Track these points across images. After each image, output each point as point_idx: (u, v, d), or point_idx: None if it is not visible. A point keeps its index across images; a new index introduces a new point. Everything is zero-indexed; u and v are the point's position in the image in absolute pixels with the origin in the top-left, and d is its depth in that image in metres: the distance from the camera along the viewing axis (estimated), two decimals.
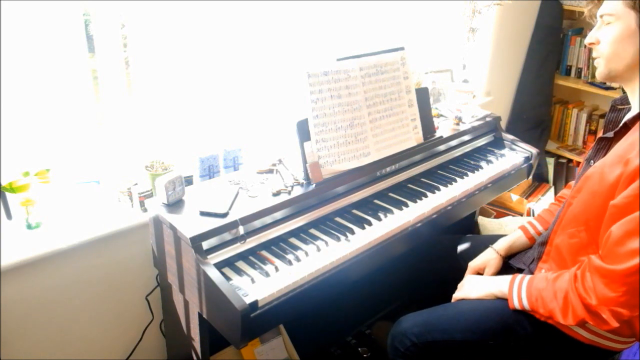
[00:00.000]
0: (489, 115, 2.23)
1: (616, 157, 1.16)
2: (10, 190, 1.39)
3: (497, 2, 2.49)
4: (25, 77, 1.43)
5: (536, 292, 1.26)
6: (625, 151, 1.14)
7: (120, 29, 1.57)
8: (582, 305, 1.16)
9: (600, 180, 1.18)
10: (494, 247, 1.55)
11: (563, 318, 1.19)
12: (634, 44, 1.12)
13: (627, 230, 1.09)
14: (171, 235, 1.39)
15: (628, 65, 1.15)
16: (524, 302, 1.28)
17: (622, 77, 1.19)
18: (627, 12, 1.11)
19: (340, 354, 1.98)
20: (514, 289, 1.32)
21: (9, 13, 1.33)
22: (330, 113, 1.60)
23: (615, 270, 1.10)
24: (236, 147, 1.73)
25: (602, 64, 1.19)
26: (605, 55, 1.17)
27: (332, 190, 1.60)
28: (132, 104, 1.67)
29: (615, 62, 1.16)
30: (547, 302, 1.23)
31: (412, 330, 1.36)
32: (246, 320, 1.19)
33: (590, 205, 1.20)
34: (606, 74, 1.20)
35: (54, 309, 1.55)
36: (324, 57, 2.04)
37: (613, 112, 1.31)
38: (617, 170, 1.13)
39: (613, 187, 1.14)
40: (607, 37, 1.16)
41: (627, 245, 1.09)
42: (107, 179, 1.63)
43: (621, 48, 1.14)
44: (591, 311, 1.15)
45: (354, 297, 2.01)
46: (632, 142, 1.13)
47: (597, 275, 1.14)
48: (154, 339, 1.82)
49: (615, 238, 1.11)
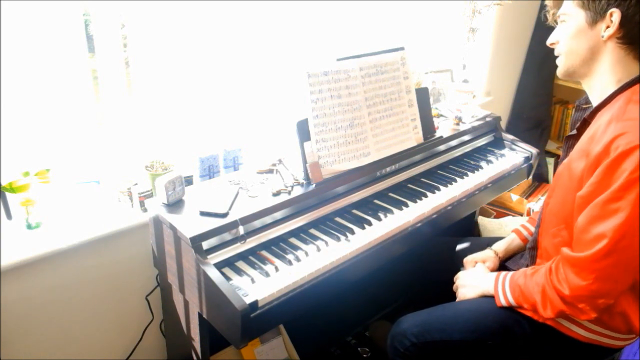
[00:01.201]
0: (489, 115, 2.23)
1: (579, 152, 1.20)
2: (10, 190, 1.39)
3: (497, 2, 2.49)
4: (25, 77, 1.43)
5: (518, 288, 1.29)
6: (586, 145, 1.18)
7: (120, 29, 1.56)
8: (558, 297, 1.19)
9: (569, 176, 1.22)
10: (492, 247, 1.57)
11: (543, 310, 1.22)
12: (586, 39, 1.19)
13: (591, 217, 1.12)
14: (171, 235, 1.39)
15: (583, 60, 1.21)
16: (509, 298, 1.31)
17: (579, 73, 1.25)
18: (576, 10, 1.19)
19: (340, 354, 1.98)
20: (498, 286, 1.34)
21: (9, 13, 1.33)
22: (330, 113, 1.60)
23: (582, 257, 1.13)
24: (236, 147, 1.73)
25: (562, 60, 1.26)
26: (564, 52, 1.24)
27: (332, 190, 1.60)
28: (132, 104, 1.67)
29: (572, 58, 1.23)
30: (528, 297, 1.26)
31: (412, 330, 1.37)
32: (246, 320, 1.19)
33: (565, 202, 1.23)
34: (565, 71, 1.26)
35: (54, 309, 1.55)
36: (324, 57, 2.04)
37: (578, 112, 1.37)
38: (581, 164, 1.17)
39: (580, 180, 1.17)
40: (563, 35, 1.23)
41: (592, 231, 1.11)
42: (107, 179, 1.63)
43: (575, 44, 1.21)
44: (567, 302, 1.17)
45: (353, 297, 2.01)
46: (592, 135, 1.17)
47: (567, 265, 1.17)
48: (154, 339, 1.82)
49: (581, 226, 1.14)
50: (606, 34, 1.16)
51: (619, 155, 1.07)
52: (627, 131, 1.08)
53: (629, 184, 1.06)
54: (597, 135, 1.15)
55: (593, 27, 1.17)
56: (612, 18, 1.14)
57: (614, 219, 1.08)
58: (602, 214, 1.10)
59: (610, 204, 1.08)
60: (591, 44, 1.19)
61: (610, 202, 1.09)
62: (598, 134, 1.15)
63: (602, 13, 1.15)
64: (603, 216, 1.10)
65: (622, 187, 1.07)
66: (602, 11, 1.15)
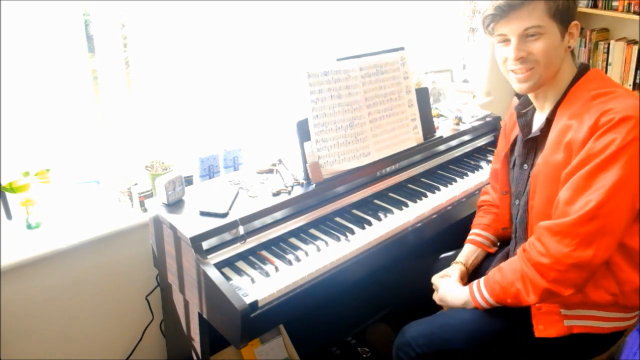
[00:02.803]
0: (489, 115, 2.22)
1: (553, 146, 1.24)
2: (10, 190, 1.39)
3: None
4: (25, 77, 1.43)
5: (496, 284, 1.28)
6: (558, 138, 1.23)
7: (120, 29, 1.57)
8: (538, 275, 1.18)
9: (548, 171, 1.24)
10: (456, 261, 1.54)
11: (527, 297, 1.22)
12: (561, 51, 1.25)
13: (577, 187, 1.15)
14: (171, 235, 1.39)
15: (555, 70, 1.26)
16: (489, 300, 1.30)
17: (545, 83, 1.28)
18: (550, 23, 1.22)
19: (340, 354, 1.97)
20: (475, 293, 1.34)
21: (9, 13, 1.33)
22: (330, 113, 1.60)
23: (566, 222, 1.14)
24: (236, 147, 1.73)
25: (537, 74, 1.25)
26: (542, 65, 1.24)
27: (332, 190, 1.60)
28: (132, 104, 1.67)
29: (549, 70, 1.25)
30: (509, 289, 1.25)
31: (417, 341, 1.36)
32: (246, 320, 1.19)
33: (549, 198, 1.24)
34: (539, 84, 1.27)
35: (54, 309, 1.55)
36: (324, 57, 2.04)
37: (521, 118, 1.40)
38: (560, 155, 1.21)
39: (563, 168, 1.20)
40: (541, 49, 1.22)
41: (579, 201, 1.14)
42: (107, 179, 1.63)
43: (554, 56, 1.24)
44: (548, 279, 1.17)
45: (354, 297, 2.00)
46: (563, 128, 1.22)
47: (548, 235, 1.17)
48: (154, 339, 1.82)
49: (566, 198, 1.16)
50: (573, 44, 1.27)
51: (610, 126, 1.13)
52: (611, 108, 1.15)
53: (618, 151, 1.11)
54: (575, 125, 1.19)
55: (562, 39, 1.24)
56: (572, 30, 1.25)
57: (602, 182, 1.11)
58: (589, 183, 1.13)
59: (600, 172, 1.12)
60: (561, 55, 1.26)
61: (599, 170, 1.12)
62: (574, 124, 1.20)
63: (567, 25, 1.24)
64: (590, 185, 1.13)
65: (612, 154, 1.11)
66: (567, 24, 1.24)
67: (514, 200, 1.42)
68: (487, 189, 1.67)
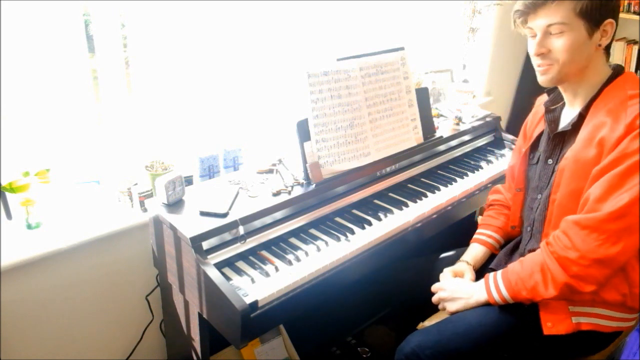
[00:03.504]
0: (489, 115, 2.23)
1: (585, 141, 1.24)
2: (10, 190, 1.39)
3: (497, 2, 2.49)
4: (25, 77, 1.43)
5: (514, 275, 1.29)
6: (591, 134, 1.23)
7: (120, 29, 1.57)
8: (560, 268, 1.19)
9: (576, 166, 1.25)
10: (462, 259, 1.54)
11: (545, 290, 1.22)
12: (586, 49, 1.24)
13: (610, 186, 1.15)
14: (171, 235, 1.39)
15: (579, 68, 1.26)
16: (503, 293, 1.30)
17: (569, 79, 1.29)
18: (576, 21, 1.21)
19: (340, 354, 1.98)
20: (490, 285, 1.33)
21: (9, 13, 1.33)
22: (330, 113, 1.60)
23: (595, 217, 1.16)
24: (236, 147, 1.73)
25: (555, 69, 1.27)
26: (561, 62, 1.26)
27: (332, 190, 1.60)
28: (132, 104, 1.67)
29: (570, 67, 1.26)
30: (527, 280, 1.25)
31: (425, 352, 1.34)
32: (246, 320, 1.19)
33: (574, 193, 1.25)
34: (558, 79, 1.29)
35: (54, 309, 1.55)
36: (324, 57, 2.04)
37: (550, 113, 1.40)
38: (591, 151, 1.21)
39: (594, 164, 1.21)
40: (562, 46, 1.23)
41: (611, 199, 1.15)
42: (107, 179, 1.63)
43: (577, 54, 1.24)
44: (571, 273, 1.18)
45: (354, 297, 2.00)
46: (596, 125, 1.23)
47: (575, 229, 1.18)
48: (154, 339, 1.82)
49: (598, 195, 1.17)
50: (604, 43, 1.24)
51: None
52: None
53: None
54: (609, 123, 1.19)
55: (591, 37, 1.23)
56: (606, 28, 1.22)
57: (635, 182, 1.12)
58: (622, 182, 1.14)
59: (634, 172, 1.13)
60: (589, 53, 1.25)
61: (633, 170, 1.13)
62: (609, 122, 1.20)
63: (599, 23, 1.21)
64: (623, 183, 1.14)
65: None
66: (599, 22, 1.21)
67: (535, 195, 1.41)
68: (499, 188, 1.67)
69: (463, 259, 1.54)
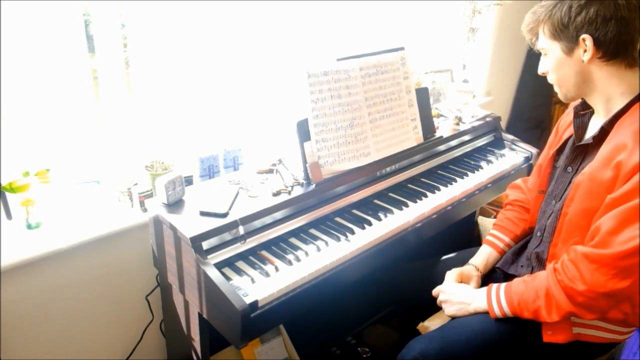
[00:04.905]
0: (489, 115, 2.23)
1: (603, 161, 1.19)
2: (10, 190, 1.39)
3: (497, 2, 2.49)
4: (25, 77, 1.43)
5: (516, 296, 1.28)
6: (611, 154, 1.17)
7: (120, 29, 1.57)
8: (565, 297, 1.18)
9: (591, 185, 1.21)
10: (471, 262, 1.54)
11: (548, 315, 1.21)
12: (570, 67, 1.24)
13: (624, 219, 1.12)
14: (171, 235, 1.39)
15: (576, 85, 1.26)
16: (504, 309, 1.30)
17: (579, 95, 1.29)
18: (550, 43, 1.24)
19: (340, 354, 1.98)
20: (492, 298, 1.33)
21: (9, 13, 1.33)
22: (330, 113, 1.60)
23: (607, 254, 1.12)
24: (236, 147, 1.73)
25: (557, 89, 1.31)
26: (555, 81, 1.29)
27: (332, 190, 1.60)
28: (132, 104, 1.67)
29: (565, 85, 1.28)
30: (530, 303, 1.25)
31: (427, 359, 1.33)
32: (246, 320, 1.19)
33: (587, 212, 1.22)
34: (565, 97, 1.31)
35: (54, 309, 1.55)
36: (324, 57, 2.04)
37: (578, 119, 1.36)
38: (608, 173, 1.17)
39: (608, 190, 1.17)
40: (548, 67, 1.28)
41: (625, 233, 1.11)
42: (107, 179, 1.63)
43: (562, 73, 1.26)
44: (577, 302, 1.16)
45: (353, 297, 2.00)
46: (619, 145, 1.17)
47: (584, 262, 1.15)
48: (154, 339, 1.82)
49: (610, 227, 1.13)
50: (586, 58, 1.20)
51: None
52: None
53: None
54: (630, 146, 1.14)
55: (571, 54, 1.22)
56: (585, 43, 1.19)
57: None
58: (637, 217, 1.10)
59: None
60: (576, 70, 1.23)
61: None
62: (630, 144, 1.14)
63: (575, 40, 1.20)
64: (637, 218, 1.10)
65: None
66: (573, 39, 1.20)
67: (550, 200, 1.39)
68: (519, 184, 1.63)
69: (473, 262, 1.53)
